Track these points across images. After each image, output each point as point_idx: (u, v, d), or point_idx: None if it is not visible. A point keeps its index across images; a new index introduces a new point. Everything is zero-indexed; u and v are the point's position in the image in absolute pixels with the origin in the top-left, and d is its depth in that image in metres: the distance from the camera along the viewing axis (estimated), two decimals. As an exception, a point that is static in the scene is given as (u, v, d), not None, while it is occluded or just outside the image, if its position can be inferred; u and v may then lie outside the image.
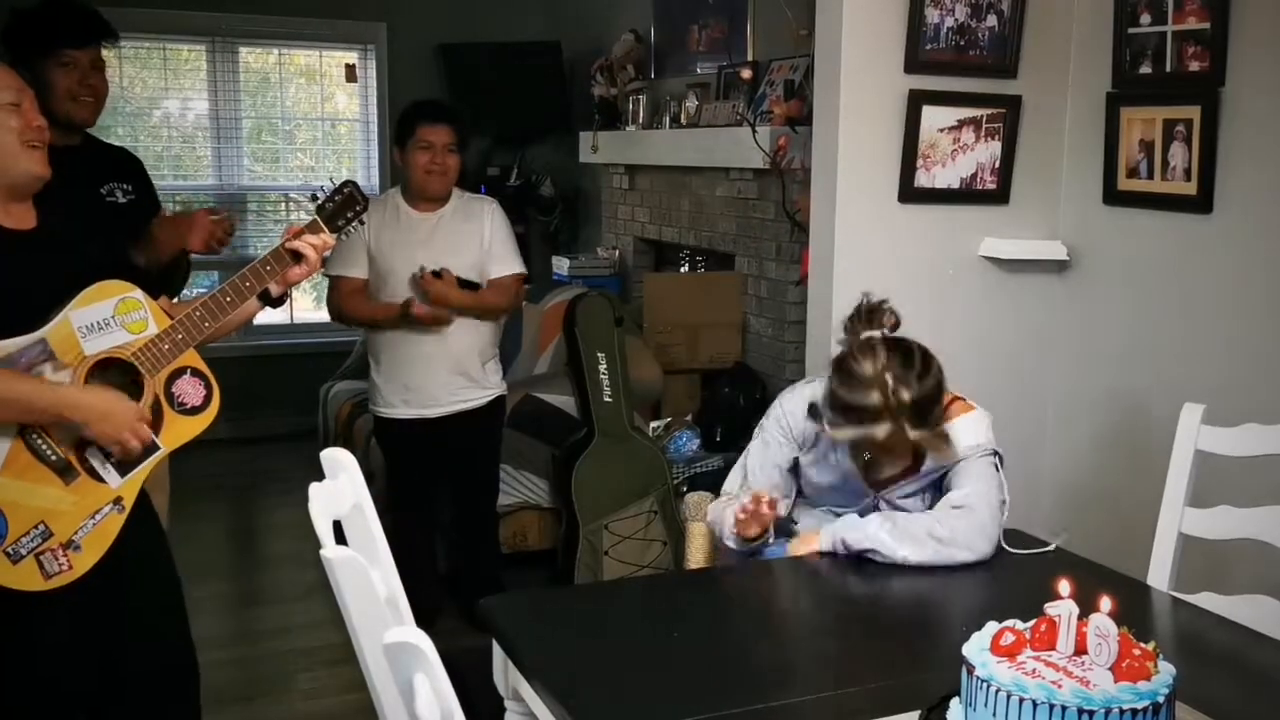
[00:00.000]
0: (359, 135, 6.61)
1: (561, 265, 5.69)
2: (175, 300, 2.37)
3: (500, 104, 6.14)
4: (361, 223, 2.38)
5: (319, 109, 6.58)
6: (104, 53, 2.85)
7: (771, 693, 1.66)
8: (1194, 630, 1.97)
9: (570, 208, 6.52)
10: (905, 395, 2.03)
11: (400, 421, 3.48)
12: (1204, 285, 2.78)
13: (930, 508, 2.27)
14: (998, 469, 2.22)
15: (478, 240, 3.42)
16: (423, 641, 1.22)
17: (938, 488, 2.28)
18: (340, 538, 1.54)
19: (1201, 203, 2.74)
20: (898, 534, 2.13)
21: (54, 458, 2.06)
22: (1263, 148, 2.61)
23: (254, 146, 6.47)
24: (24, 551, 2.02)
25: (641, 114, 5.32)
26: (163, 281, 2.61)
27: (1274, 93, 2.58)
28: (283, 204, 6.53)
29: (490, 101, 6.09)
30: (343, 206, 2.33)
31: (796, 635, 2.01)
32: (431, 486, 3.64)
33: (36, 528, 2.04)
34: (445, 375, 3.42)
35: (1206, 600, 2.08)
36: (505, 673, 1.92)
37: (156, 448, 2.13)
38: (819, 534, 2.22)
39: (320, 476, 1.61)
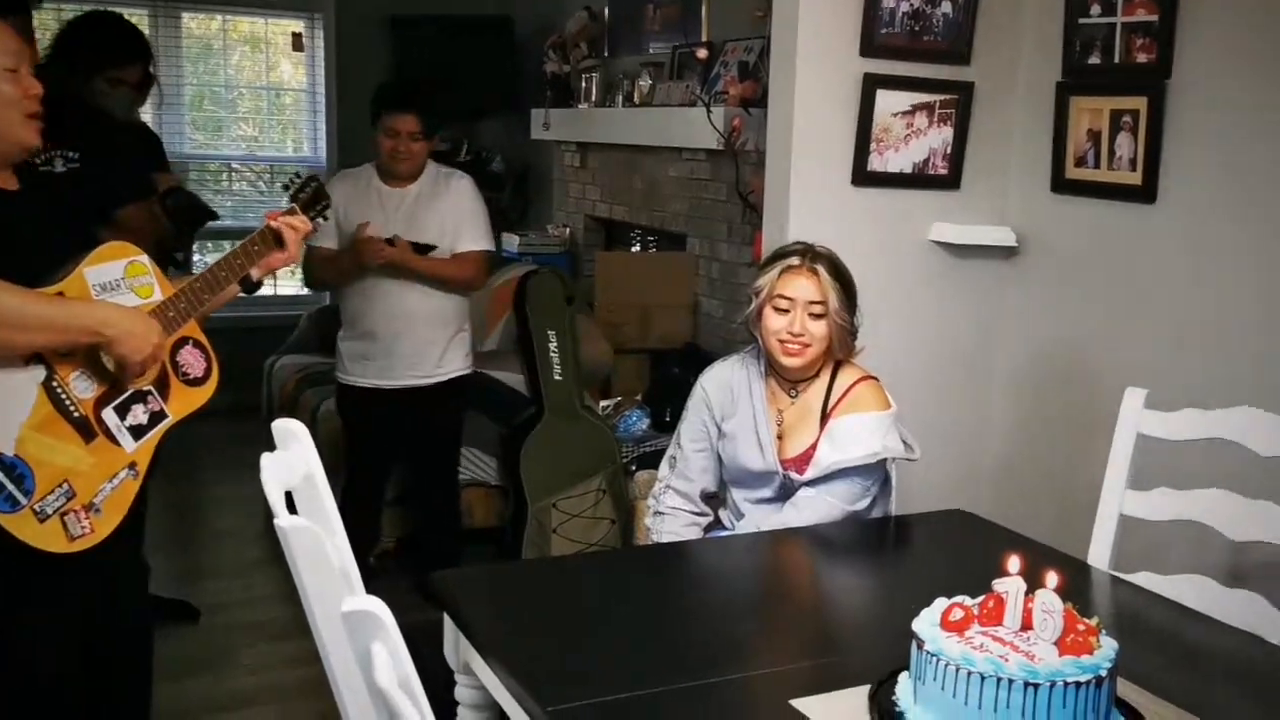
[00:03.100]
0: (305, 106, 6.51)
1: (512, 242, 5.66)
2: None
3: (453, 79, 6.08)
4: (325, 219, 2.62)
5: (264, 78, 6.47)
6: (40, 17, 2.83)
7: (721, 667, 1.68)
8: (1132, 608, 2.02)
9: (521, 185, 6.48)
10: (823, 250, 2.38)
11: (359, 390, 3.46)
12: (1147, 273, 2.84)
13: None
14: (878, 474, 2.37)
15: (448, 215, 3.41)
16: (381, 610, 1.22)
17: None
18: (292, 509, 1.52)
19: (1146, 193, 2.80)
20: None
21: (76, 414, 2.05)
22: (1205, 140, 2.67)
23: (196, 114, 6.36)
24: (50, 511, 2.01)
25: (594, 92, 5.30)
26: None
27: (1218, 86, 2.63)
28: (225, 174, 6.43)
29: (442, 76, 6.03)
30: (314, 199, 2.54)
31: (746, 611, 2.02)
32: (387, 459, 3.62)
33: (61, 486, 2.03)
34: (408, 348, 3.40)
35: (1144, 579, 2.13)
36: (456, 646, 1.92)
37: (165, 415, 2.14)
38: None
39: (261, 451, 1.59)
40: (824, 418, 2.37)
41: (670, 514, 2.50)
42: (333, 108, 6.36)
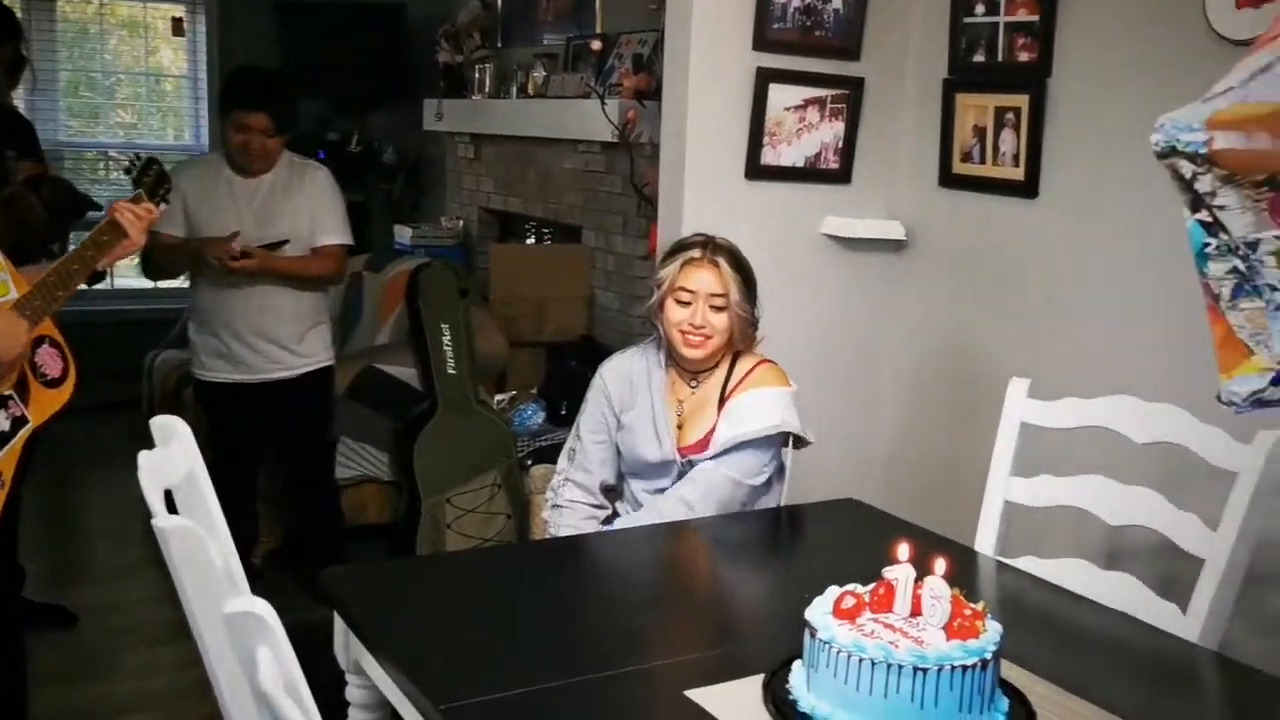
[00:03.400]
0: (186, 93, 6.31)
1: (404, 234, 5.57)
2: None
3: (340, 67, 5.95)
4: (168, 202, 2.58)
5: (143, 63, 6.25)
6: None
7: (617, 660, 1.67)
8: (1016, 591, 2.07)
9: (413, 176, 6.38)
10: (723, 242, 2.41)
11: (218, 385, 3.36)
12: (1030, 266, 2.92)
13: None
14: (775, 451, 2.39)
15: (305, 208, 3.31)
16: (265, 611, 1.18)
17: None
18: (172, 508, 1.47)
19: (1028, 188, 2.87)
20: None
21: None
22: (1084, 137, 2.75)
23: (71, 101, 6.11)
24: None
25: (488, 83, 5.24)
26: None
27: (1095, 85, 2.72)
28: (102, 163, 6.20)
29: (329, 64, 5.91)
30: (157, 182, 2.49)
31: (641, 604, 2.02)
32: (252, 455, 3.52)
33: None
34: (263, 342, 3.31)
35: (1028, 563, 2.19)
36: (347, 645, 1.87)
37: (26, 420, 2.03)
38: None
39: (142, 447, 1.53)
40: (722, 402, 2.39)
41: (569, 507, 2.49)
42: (215, 95, 6.17)
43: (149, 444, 1.56)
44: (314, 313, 3.43)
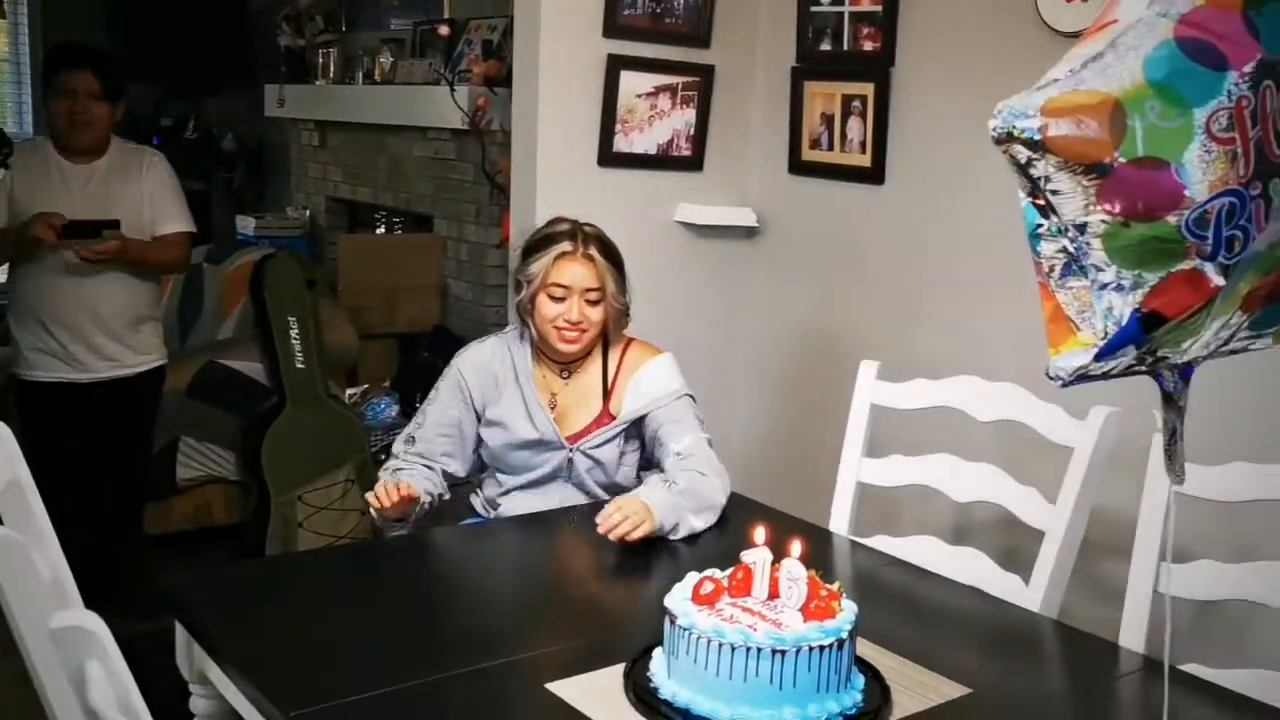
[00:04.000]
0: (8, 76, 5.97)
1: (246, 224, 5.38)
2: None
3: (175, 50, 5.70)
4: (7, 167, 2.24)
5: (-41, 44, 5.88)
6: None
7: (475, 656, 1.64)
8: (869, 570, 2.12)
9: (255, 164, 6.17)
10: (589, 229, 2.33)
11: (46, 386, 3.14)
12: (878, 251, 2.99)
13: (623, 456, 2.35)
14: (695, 408, 2.35)
15: (142, 194, 3.14)
16: (95, 624, 1.11)
17: (629, 436, 2.36)
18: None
19: (875, 174, 2.94)
20: (698, 509, 2.15)
21: None
22: (926, 125, 2.83)
23: (-122, 83, 5.70)
24: None
25: (332, 68, 5.10)
26: None
27: (936, 74, 2.79)
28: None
29: (164, 47, 5.64)
30: None
31: (500, 598, 1.99)
32: (85, 460, 3.31)
33: None
34: (97, 337, 3.12)
35: (880, 542, 2.24)
36: (189, 655, 1.79)
37: None
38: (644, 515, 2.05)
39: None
40: (607, 394, 2.34)
41: (408, 467, 2.31)
42: (38, 78, 5.83)
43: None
44: (151, 305, 3.26)
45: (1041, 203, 1.10)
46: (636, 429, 2.35)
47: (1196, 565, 1.84)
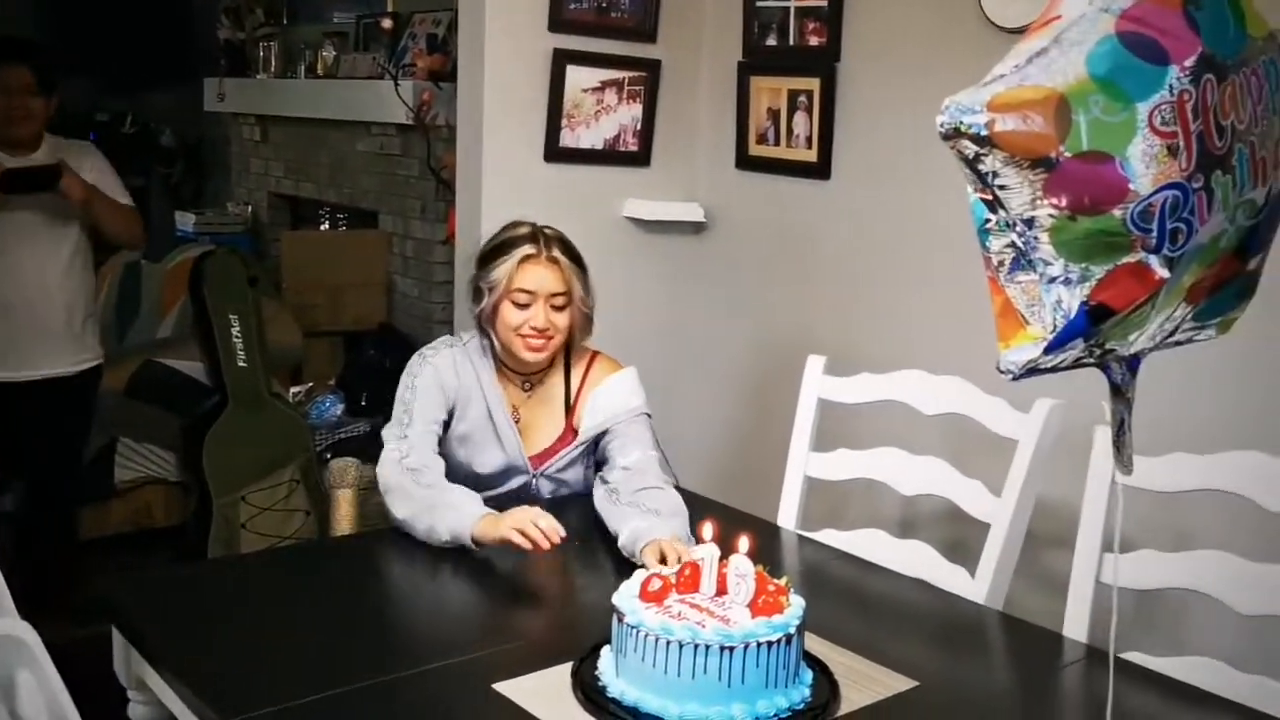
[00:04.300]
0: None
1: (186, 221, 5.29)
2: None
3: (111, 43, 5.58)
4: None
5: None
6: None
7: (424, 657, 1.62)
8: (817, 564, 2.13)
9: (195, 159, 6.07)
10: (550, 231, 2.23)
11: None
12: (824, 246, 2.99)
13: (586, 471, 2.28)
14: (653, 430, 2.26)
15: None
16: (25, 632, 1.08)
17: (591, 454, 2.27)
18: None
19: (821, 169, 2.95)
20: (683, 519, 2.04)
21: None
22: (872, 120, 2.84)
23: None
24: None
25: (274, 62, 5.03)
26: None
27: (881, 69, 2.81)
28: None
29: (99, 40, 5.53)
30: None
31: (448, 598, 1.98)
32: (19, 462, 3.22)
33: None
34: (41, 332, 3.04)
35: (828, 536, 2.24)
36: (127, 661, 1.75)
37: None
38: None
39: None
40: (570, 408, 2.25)
41: (424, 468, 2.09)
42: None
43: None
44: (88, 298, 3.18)
45: (989, 198, 1.10)
46: (595, 442, 2.26)
47: (1138, 555, 1.87)
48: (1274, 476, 1.72)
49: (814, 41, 2.93)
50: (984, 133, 1.06)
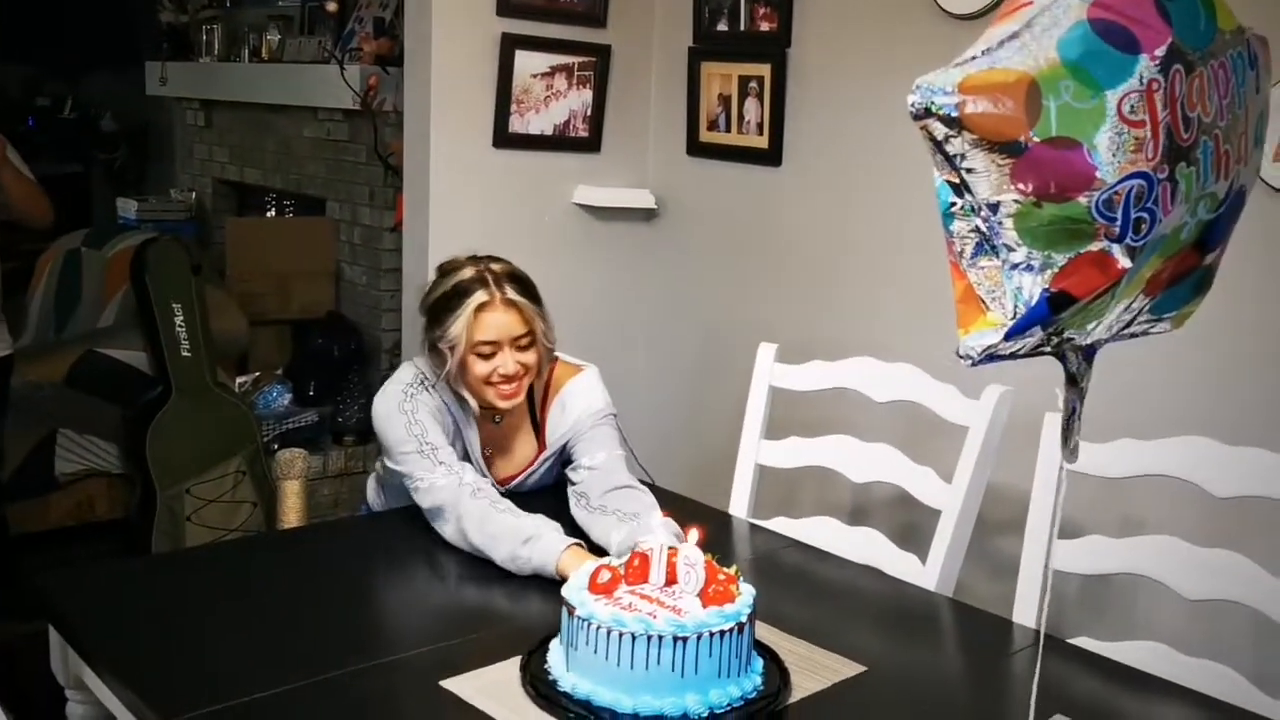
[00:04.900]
0: None
1: (128, 208, 5.17)
2: None
3: (50, 26, 5.45)
4: None
5: None
6: None
7: (366, 654, 1.59)
8: (768, 552, 2.12)
9: (137, 145, 5.94)
10: (497, 267, 2.08)
11: None
12: (776, 232, 2.99)
13: (556, 475, 2.23)
14: (619, 429, 2.20)
15: None
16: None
17: (559, 456, 2.22)
18: None
19: (772, 155, 2.94)
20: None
21: None
22: (822, 106, 2.83)
23: None
24: None
25: (217, 45, 4.93)
26: None
27: (832, 55, 2.80)
28: None
29: (37, 23, 5.39)
30: None
31: (397, 591, 1.95)
32: None
33: None
34: None
35: (780, 524, 2.24)
36: (65, 659, 1.71)
37: None
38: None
39: None
40: (539, 425, 2.20)
41: (487, 488, 2.02)
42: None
43: None
44: None
45: (956, 181, 1.08)
46: (561, 448, 2.21)
47: (1086, 540, 1.88)
48: (1220, 462, 1.74)
49: (765, 27, 2.91)
50: (954, 114, 1.05)
